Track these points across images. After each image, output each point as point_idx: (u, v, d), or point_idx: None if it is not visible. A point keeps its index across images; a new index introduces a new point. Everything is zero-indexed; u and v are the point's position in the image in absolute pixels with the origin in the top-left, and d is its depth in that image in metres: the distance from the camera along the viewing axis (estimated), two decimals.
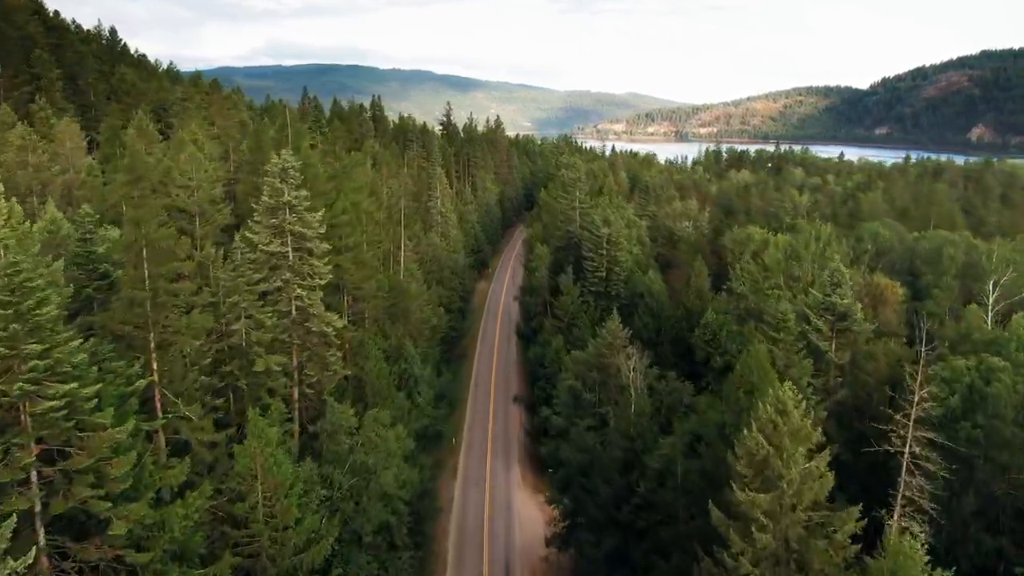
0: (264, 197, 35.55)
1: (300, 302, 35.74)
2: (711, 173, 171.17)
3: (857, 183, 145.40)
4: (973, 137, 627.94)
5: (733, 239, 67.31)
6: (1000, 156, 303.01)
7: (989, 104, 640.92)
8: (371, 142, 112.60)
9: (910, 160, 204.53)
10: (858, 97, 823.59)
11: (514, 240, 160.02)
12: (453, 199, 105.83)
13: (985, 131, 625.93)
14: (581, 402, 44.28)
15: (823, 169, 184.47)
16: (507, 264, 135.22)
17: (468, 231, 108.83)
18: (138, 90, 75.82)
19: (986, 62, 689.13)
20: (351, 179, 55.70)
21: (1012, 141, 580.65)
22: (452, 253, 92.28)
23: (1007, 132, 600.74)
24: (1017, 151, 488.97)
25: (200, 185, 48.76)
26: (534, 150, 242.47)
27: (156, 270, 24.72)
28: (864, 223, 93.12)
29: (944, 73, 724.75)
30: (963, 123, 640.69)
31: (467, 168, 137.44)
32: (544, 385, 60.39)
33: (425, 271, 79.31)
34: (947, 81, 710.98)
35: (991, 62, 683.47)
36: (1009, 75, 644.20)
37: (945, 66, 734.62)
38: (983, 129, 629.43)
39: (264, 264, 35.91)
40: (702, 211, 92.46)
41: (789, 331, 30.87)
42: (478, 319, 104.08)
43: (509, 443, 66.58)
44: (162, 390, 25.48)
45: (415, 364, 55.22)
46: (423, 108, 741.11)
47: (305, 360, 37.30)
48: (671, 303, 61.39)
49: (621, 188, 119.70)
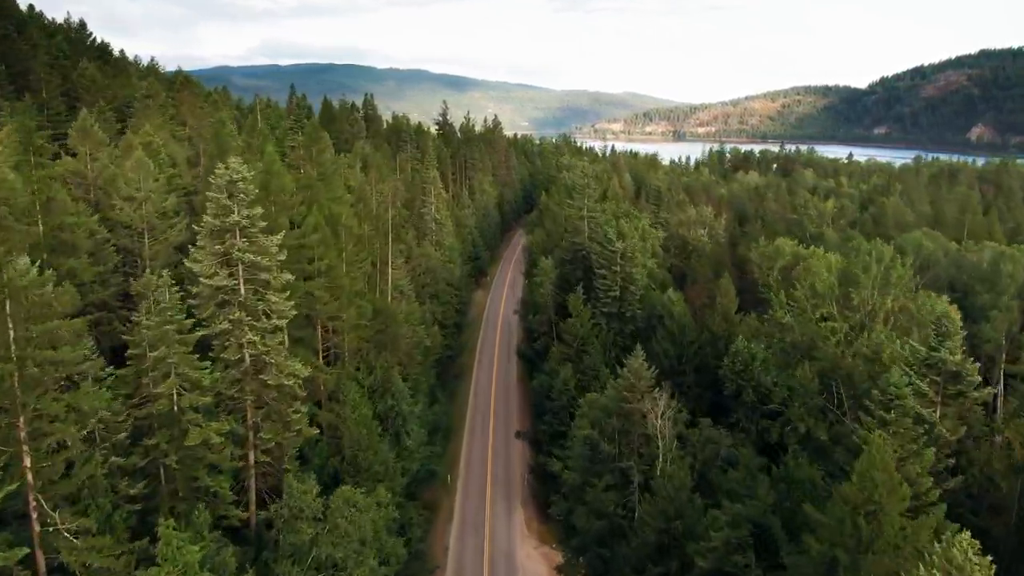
0: (207, 217, 28.18)
1: (254, 348, 28.36)
2: (716, 175, 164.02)
3: (874, 186, 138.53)
4: (973, 137, 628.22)
5: (761, 252, 60.15)
6: (1000, 155, 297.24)
7: (988, 103, 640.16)
8: (361, 143, 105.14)
9: (921, 160, 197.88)
10: (856, 97, 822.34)
11: (513, 245, 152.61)
12: (449, 204, 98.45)
13: (985, 130, 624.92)
14: (599, 455, 37.16)
15: (833, 170, 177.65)
16: (506, 271, 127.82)
17: (465, 238, 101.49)
18: (97, 86, 68.20)
19: (985, 61, 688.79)
20: (330, 188, 48.36)
21: (1012, 141, 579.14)
22: (448, 263, 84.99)
23: (1006, 132, 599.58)
24: (1017, 150, 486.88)
25: (148, 196, 41.31)
26: (533, 150, 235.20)
27: (25, 332, 17.45)
28: (901, 233, 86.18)
29: (943, 72, 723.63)
30: (962, 122, 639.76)
31: (464, 170, 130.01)
32: (551, 421, 53.14)
33: (418, 285, 71.96)
34: (946, 80, 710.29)
35: (990, 61, 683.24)
36: (1008, 74, 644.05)
37: (944, 65, 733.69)
38: (983, 128, 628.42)
39: (209, 300, 28.54)
40: (718, 218, 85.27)
41: (904, 411, 23.53)
42: (476, 333, 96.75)
43: (511, 483, 59.26)
44: (38, 496, 18.18)
45: (403, 400, 47.95)
46: (420, 108, 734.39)
47: (261, 420, 29.94)
48: (694, 326, 54.20)
49: (626, 192, 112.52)
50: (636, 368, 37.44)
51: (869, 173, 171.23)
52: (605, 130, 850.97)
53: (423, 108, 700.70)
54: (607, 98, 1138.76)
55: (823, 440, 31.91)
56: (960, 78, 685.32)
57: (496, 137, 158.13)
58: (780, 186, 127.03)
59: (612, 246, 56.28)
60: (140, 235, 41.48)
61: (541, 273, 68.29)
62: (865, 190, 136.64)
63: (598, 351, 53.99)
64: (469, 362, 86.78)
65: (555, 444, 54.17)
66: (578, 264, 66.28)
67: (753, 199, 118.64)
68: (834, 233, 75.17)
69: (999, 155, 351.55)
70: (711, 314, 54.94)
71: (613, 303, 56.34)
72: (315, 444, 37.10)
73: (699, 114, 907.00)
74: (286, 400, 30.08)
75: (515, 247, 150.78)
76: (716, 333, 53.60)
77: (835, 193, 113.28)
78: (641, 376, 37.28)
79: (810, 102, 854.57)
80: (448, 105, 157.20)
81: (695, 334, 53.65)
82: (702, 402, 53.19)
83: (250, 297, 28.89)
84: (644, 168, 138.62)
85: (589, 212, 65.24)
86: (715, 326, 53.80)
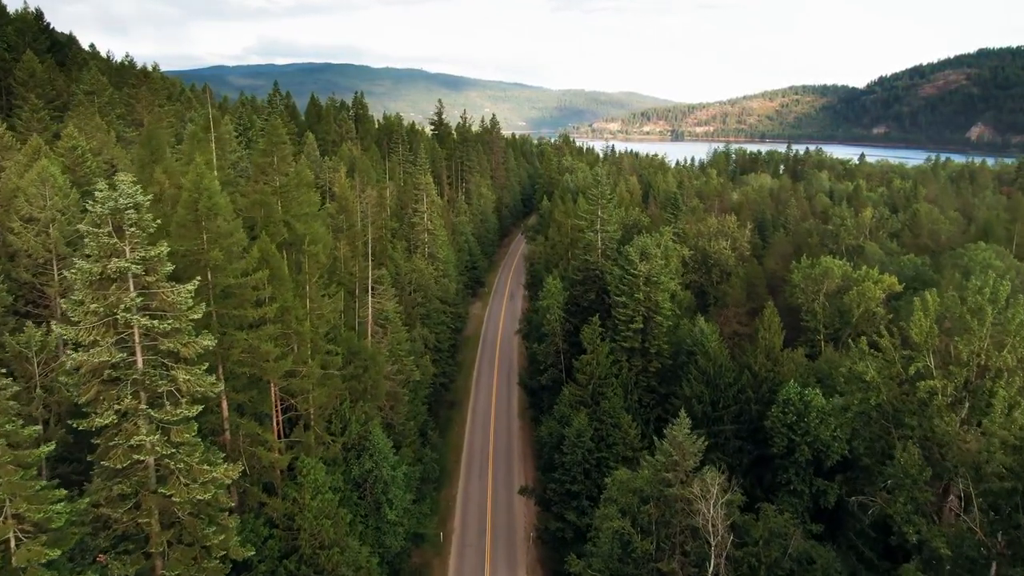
0: (81, 261, 19.37)
1: (152, 452, 19.55)
2: (724, 176, 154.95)
3: (898, 190, 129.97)
4: (973, 136, 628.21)
5: (804, 274, 51.61)
6: (1001, 155, 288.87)
7: (988, 103, 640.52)
8: (348, 145, 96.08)
9: (936, 161, 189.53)
10: (855, 96, 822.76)
11: (512, 251, 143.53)
12: (444, 210, 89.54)
13: (985, 130, 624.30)
14: (631, 554, 28.58)
15: (844, 171, 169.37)
16: (505, 280, 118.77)
17: (461, 247, 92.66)
18: (36, 81, 59.17)
19: (984, 61, 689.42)
20: (296, 203, 39.49)
21: (1012, 140, 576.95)
22: (442, 278, 76.21)
23: (1007, 131, 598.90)
24: (1018, 150, 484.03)
25: (55, 217, 32.39)
26: (531, 151, 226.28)
27: None
28: (938, 244, 77.66)
29: (942, 72, 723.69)
30: (962, 122, 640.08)
31: (460, 173, 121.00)
32: (562, 478, 44.44)
33: (407, 306, 63.10)
34: (945, 80, 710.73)
35: (989, 61, 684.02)
36: (1008, 74, 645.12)
37: (943, 64, 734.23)
38: (982, 128, 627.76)
39: (91, 380, 19.72)
40: (742, 227, 76.55)
41: None
42: (473, 352, 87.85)
43: (513, 545, 50.59)
44: None
45: (385, 462, 39.21)
46: (416, 107, 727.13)
47: (175, 539, 21.10)
48: (731, 365, 45.53)
49: (634, 196, 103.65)
50: (680, 441, 28.81)
51: (884, 174, 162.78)
52: (603, 129, 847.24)
53: (419, 107, 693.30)
54: (604, 97, 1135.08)
55: (941, 551, 23.32)
56: (959, 77, 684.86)
57: (494, 138, 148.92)
58: (798, 190, 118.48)
59: (634, 268, 47.55)
60: (45, 266, 32.56)
61: (547, 295, 59.49)
62: (886, 194, 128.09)
63: (618, 394, 45.33)
64: (465, 387, 77.89)
65: (567, 506, 45.69)
66: (591, 285, 57.52)
67: (769, 204, 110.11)
68: (876, 247, 66.66)
69: (999, 155, 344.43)
70: (751, 350, 46.33)
71: (635, 336, 47.62)
72: (264, 542, 28.38)
73: (697, 113, 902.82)
74: (205, 511, 21.25)
75: (514, 254, 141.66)
76: (759, 374, 45.08)
77: (856, 198, 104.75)
78: (686, 452, 28.67)
79: (808, 101, 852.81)
80: (444, 104, 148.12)
81: (733, 374, 45.01)
82: (742, 457, 44.76)
83: (149, 372, 20.05)
84: (651, 170, 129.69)
85: (603, 226, 56.45)
86: (757, 365, 45.22)
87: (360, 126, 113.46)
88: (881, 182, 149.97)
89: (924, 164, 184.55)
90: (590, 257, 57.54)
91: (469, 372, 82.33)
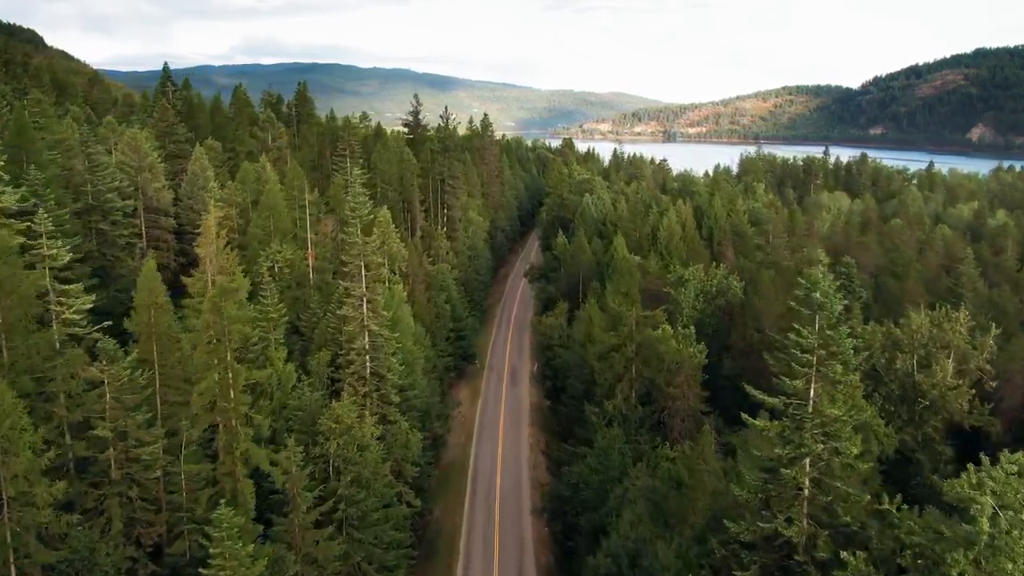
0: None
1: None
2: (773, 193, 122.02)
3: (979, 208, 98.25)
4: (974, 137, 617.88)
5: None
6: (1004, 157, 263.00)
7: (988, 103, 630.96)
8: (261, 161, 62.09)
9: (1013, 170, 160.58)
10: (850, 96, 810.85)
11: (511, 288, 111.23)
12: (412, 264, 57.15)
13: (986, 130, 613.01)
14: None
15: (917, 184, 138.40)
16: (504, 341, 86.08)
17: (439, 317, 60.15)
18: None
19: (981, 60, 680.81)
20: None
21: (1016, 141, 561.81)
22: (394, 420, 41.04)
23: (1009, 132, 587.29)
24: (1022, 152, 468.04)
25: None
26: (527, 155, 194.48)
27: None
28: None
29: (939, 72, 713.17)
30: (961, 122, 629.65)
31: (441, 192, 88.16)
32: None
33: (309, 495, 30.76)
34: (942, 80, 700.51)
35: (987, 60, 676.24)
36: (1007, 73, 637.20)
37: (940, 64, 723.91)
38: (983, 128, 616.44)
39: None
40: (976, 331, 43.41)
41: None
42: (458, 507, 50.98)
43: None
44: None
45: None
46: (404, 108, 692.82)
47: None
48: None
49: (691, 241, 71.29)
50: None
51: (965, 187, 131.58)
52: (593, 130, 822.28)
53: (406, 108, 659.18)
54: (593, 98, 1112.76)
55: None
56: (957, 77, 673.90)
57: (486, 143, 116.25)
58: (903, 214, 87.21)
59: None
60: None
61: None
62: (969, 212, 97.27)
63: None
64: None
65: None
66: None
67: (873, 243, 78.59)
68: None
69: (1003, 156, 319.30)
70: None
71: None
72: None
73: (689, 114, 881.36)
74: None
75: (514, 291, 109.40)
76: None
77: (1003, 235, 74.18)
78: None
79: (802, 102, 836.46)
80: (431, 105, 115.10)
81: None
82: None
83: None
84: (698, 188, 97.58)
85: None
86: None
87: (301, 129, 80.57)
88: (972, 196, 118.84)
89: (1003, 171, 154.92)
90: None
91: None
